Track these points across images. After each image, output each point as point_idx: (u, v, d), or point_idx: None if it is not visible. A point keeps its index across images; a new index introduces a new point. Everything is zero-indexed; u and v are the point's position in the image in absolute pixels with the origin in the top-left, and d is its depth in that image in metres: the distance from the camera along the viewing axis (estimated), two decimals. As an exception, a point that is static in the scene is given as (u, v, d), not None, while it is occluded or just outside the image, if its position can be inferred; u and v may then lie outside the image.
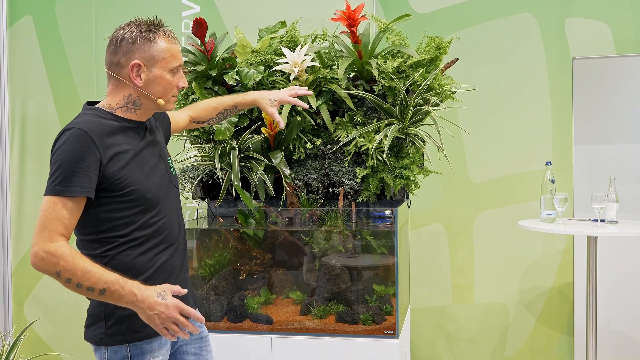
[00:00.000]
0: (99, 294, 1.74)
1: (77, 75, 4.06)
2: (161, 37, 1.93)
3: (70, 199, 1.75)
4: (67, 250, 1.72)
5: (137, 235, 1.89)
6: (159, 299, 1.76)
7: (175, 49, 1.96)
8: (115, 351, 1.90)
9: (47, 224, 1.73)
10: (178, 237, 2.03)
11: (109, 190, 1.83)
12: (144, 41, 1.90)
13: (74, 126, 1.81)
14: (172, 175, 2.07)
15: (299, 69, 2.72)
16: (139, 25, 1.93)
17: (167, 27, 1.98)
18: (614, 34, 3.86)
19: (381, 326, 2.81)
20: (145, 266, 1.91)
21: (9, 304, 4.07)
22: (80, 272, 1.71)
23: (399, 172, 2.76)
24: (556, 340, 3.98)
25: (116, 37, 1.93)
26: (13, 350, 3.57)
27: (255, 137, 2.85)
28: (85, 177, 1.76)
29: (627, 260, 3.77)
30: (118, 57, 1.92)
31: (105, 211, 1.85)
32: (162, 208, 1.96)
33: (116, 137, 1.88)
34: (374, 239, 2.93)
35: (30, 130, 4.05)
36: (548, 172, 3.30)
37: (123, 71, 1.92)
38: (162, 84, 1.94)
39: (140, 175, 1.89)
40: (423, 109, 2.76)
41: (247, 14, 3.89)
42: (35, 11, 4.06)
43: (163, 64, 1.93)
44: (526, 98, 3.96)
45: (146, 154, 1.96)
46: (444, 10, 4.04)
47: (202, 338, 2.17)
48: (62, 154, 1.77)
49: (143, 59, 1.90)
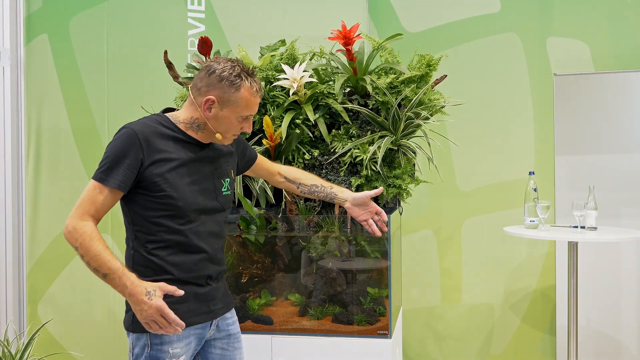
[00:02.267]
0: (102, 277, 1.82)
1: (89, 89, 4.05)
2: (246, 87, 1.94)
3: (107, 188, 1.85)
4: (88, 230, 1.81)
5: (163, 237, 1.92)
6: (145, 297, 1.79)
7: (253, 101, 1.97)
8: (138, 338, 1.94)
9: (83, 203, 1.84)
10: (210, 250, 2.01)
11: (146, 189, 1.89)
12: (229, 84, 1.92)
13: (130, 126, 1.90)
14: (221, 195, 2.05)
15: (298, 84, 2.71)
16: (233, 67, 1.94)
17: (256, 78, 1.99)
18: (592, 52, 3.87)
19: (375, 326, 2.79)
20: (168, 268, 1.93)
21: (23, 304, 4.04)
22: (92, 252, 1.79)
23: (391, 182, 2.76)
24: (539, 339, 3.96)
25: (211, 67, 1.95)
26: (27, 349, 3.55)
27: (256, 148, 2.84)
28: (124, 172, 1.85)
29: (605, 264, 3.77)
30: (202, 84, 1.95)
31: (140, 208, 1.92)
32: (193, 219, 1.95)
33: (167, 144, 1.92)
34: (368, 244, 2.92)
35: (45, 140, 4.03)
36: (531, 181, 3.29)
37: (199, 98, 1.95)
38: (227, 124, 1.97)
39: (178, 184, 1.91)
40: (414, 122, 2.76)
41: (249, 32, 3.89)
42: (50, 30, 4.05)
43: (236, 109, 1.95)
44: (510, 112, 3.97)
45: (195, 167, 1.97)
46: (433, 30, 4.05)
47: (230, 335, 2.15)
48: (112, 148, 1.87)
49: (219, 97, 1.93)
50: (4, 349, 3.50)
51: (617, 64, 3.84)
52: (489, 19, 3.99)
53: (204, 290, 2.00)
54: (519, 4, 3.96)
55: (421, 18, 4.07)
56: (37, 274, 4.03)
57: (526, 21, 3.95)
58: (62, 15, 4.04)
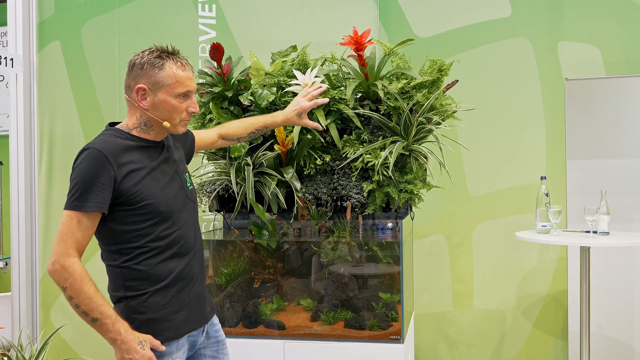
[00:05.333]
0: (91, 321, 1.79)
1: (101, 95, 4.08)
2: (170, 63, 1.91)
3: (85, 214, 1.79)
4: (77, 270, 1.76)
5: (153, 246, 1.89)
6: (139, 346, 1.80)
7: (182, 75, 1.93)
8: None
9: (64, 237, 1.77)
10: (194, 247, 2.03)
11: (124, 204, 1.84)
12: (150, 67, 1.90)
13: (92, 146, 1.83)
14: (188, 190, 2.07)
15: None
16: (151, 52, 1.93)
17: (180, 55, 1.97)
18: (604, 56, 3.86)
19: (387, 332, 2.79)
20: (162, 275, 1.91)
21: (36, 310, 4.07)
22: (83, 295, 1.76)
23: (403, 187, 2.76)
24: (551, 345, 3.95)
25: (131, 62, 1.95)
26: (41, 354, 3.56)
27: (268, 153, 2.85)
28: (99, 193, 1.79)
29: (617, 269, 3.75)
30: (129, 80, 1.94)
31: (122, 224, 1.86)
32: (176, 220, 1.95)
33: (131, 155, 1.89)
34: (379, 249, 2.92)
35: (58, 146, 4.06)
36: (543, 186, 3.29)
37: (132, 94, 1.93)
38: (168, 108, 1.93)
39: (154, 190, 1.89)
40: (426, 127, 2.76)
41: (260, 38, 3.91)
42: (62, 36, 4.09)
43: (168, 89, 1.91)
44: (521, 116, 3.96)
45: (161, 171, 1.96)
46: (444, 35, 4.05)
47: (219, 342, 2.16)
48: (79, 172, 1.80)
49: (148, 83, 1.91)
50: (17, 354, 3.51)
51: (628, 68, 3.82)
52: (499, 23, 3.99)
53: (194, 293, 2.00)
54: (529, 8, 3.95)
55: (432, 23, 4.07)
56: (50, 280, 4.02)
57: (537, 26, 3.94)
58: (74, 22, 4.08)
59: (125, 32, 4.03)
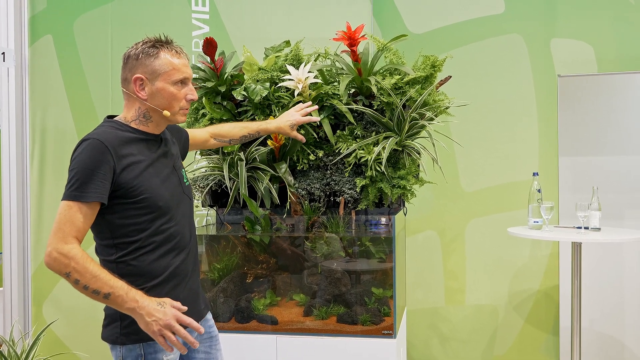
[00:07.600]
0: (103, 298, 1.74)
1: (93, 90, 4.06)
2: (165, 52, 1.92)
3: (85, 204, 1.76)
4: (78, 253, 1.72)
5: (150, 241, 1.89)
6: (158, 307, 1.76)
7: (179, 62, 1.94)
8: (130, 350, 1.89)
9: (62, 227, 1.74)
10: (189, 243, 2.03)
11: (123, 197, 1.83)
12: (145, 56, 1.91)
13: (92, 137, 1.82)
14: (185, 186, 2.07)
15: (303, 85, 2.73)
16: (145, 42, 1.94)
17: (174, 43, 1.98)
18: (596, 53, 3.88)
19: (379, 327, 2.80)
20: (158, 270, 1.91)
21: (28, 305, 4.06)
22: (89, 274, 1.72)
23: (396, 182, 2.77)
24: (543, 340, 3.97)
25: (125, 55, 1.95)
26: (33, 349, 3.56)
27: (261, 149, 2.85)
28: (99, 183, 1.77)
29: (608, 265, 3.78)
30: (125, 73, 1.94)
31: (120, 217, 1.85)
32: (173, 216, 1.95)
33: (131, 147, 1.88)
34: (372, 244, 2.93)
35: (50, 140, 4.05)
36: (535, 182, 3.30)
37: (130, 86, 1.93)
38: (166, 96, 1.93)
39: (153, 184, 1.89)
40: (418, 123, 2.77)
41: (253, 33, 3.90)
42: (54, 30, 4.07)
43: (165, 77, 1.92)
44: (514, 113, 3.98)
45: (160, 165, 1.96)
46: (437, 31, 4.06)
47: (212, 337, 2.17)
48: (79, 162, 1.78)
49: (145, 72, 1.91)
50: (9, 349, 3.51)
51: (621, 65, 3.84)
52: (493, 20, 4.00)
53: (189, 289, 2.00)
54: (523, 5, 3.97)
55: (425, 19, 4.08)
56: (42, 275, 4.05)
57: (530, 22, 3.96)
58: (67, 16, 4.06)
59: (118, 26, 4.02)
